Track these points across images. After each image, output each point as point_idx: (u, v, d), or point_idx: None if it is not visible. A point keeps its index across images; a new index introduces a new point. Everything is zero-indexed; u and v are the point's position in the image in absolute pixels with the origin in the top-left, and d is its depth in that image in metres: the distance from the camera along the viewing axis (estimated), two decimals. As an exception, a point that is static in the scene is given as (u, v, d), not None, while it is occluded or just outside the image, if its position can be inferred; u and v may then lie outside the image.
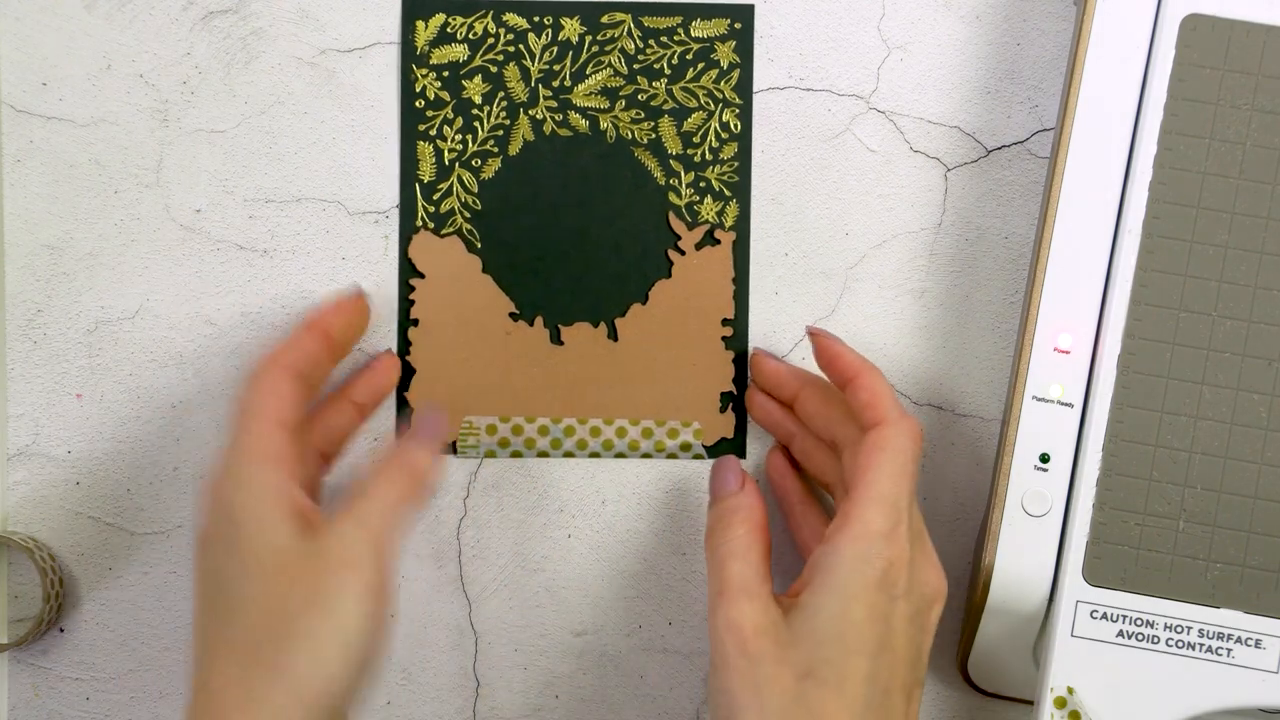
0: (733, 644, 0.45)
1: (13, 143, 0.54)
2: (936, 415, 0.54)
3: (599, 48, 0.53)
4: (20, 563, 0.54)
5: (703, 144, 0.53)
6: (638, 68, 0.53)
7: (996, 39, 0.54)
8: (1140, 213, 0.49)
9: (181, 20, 0.54)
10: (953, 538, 0.55)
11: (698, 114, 0.53)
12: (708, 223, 0.53)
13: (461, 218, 0.53)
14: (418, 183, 0.53)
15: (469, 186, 0.53)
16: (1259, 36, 0.49)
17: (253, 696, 0.42)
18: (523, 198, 0.53)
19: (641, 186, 0.53)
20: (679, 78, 0.53)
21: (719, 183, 0.53)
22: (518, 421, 0.53)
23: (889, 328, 0.55)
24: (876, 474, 0.46)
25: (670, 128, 0.53)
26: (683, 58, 0.53)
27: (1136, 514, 0.48)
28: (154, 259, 0.54)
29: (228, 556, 0.44)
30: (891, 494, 0.45)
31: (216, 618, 0.44)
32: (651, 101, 0.53)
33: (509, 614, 0.55)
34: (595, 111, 0.53)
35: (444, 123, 0.53)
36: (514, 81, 0.53)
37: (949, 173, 0.54)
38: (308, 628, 0.43)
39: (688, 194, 0.53)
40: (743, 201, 0.53)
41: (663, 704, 0.55)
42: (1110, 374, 0.48)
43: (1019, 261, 0.54)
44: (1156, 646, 0.48)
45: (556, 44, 0.53)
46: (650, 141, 0.53)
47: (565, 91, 0.53)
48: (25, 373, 0.54)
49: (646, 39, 0.53)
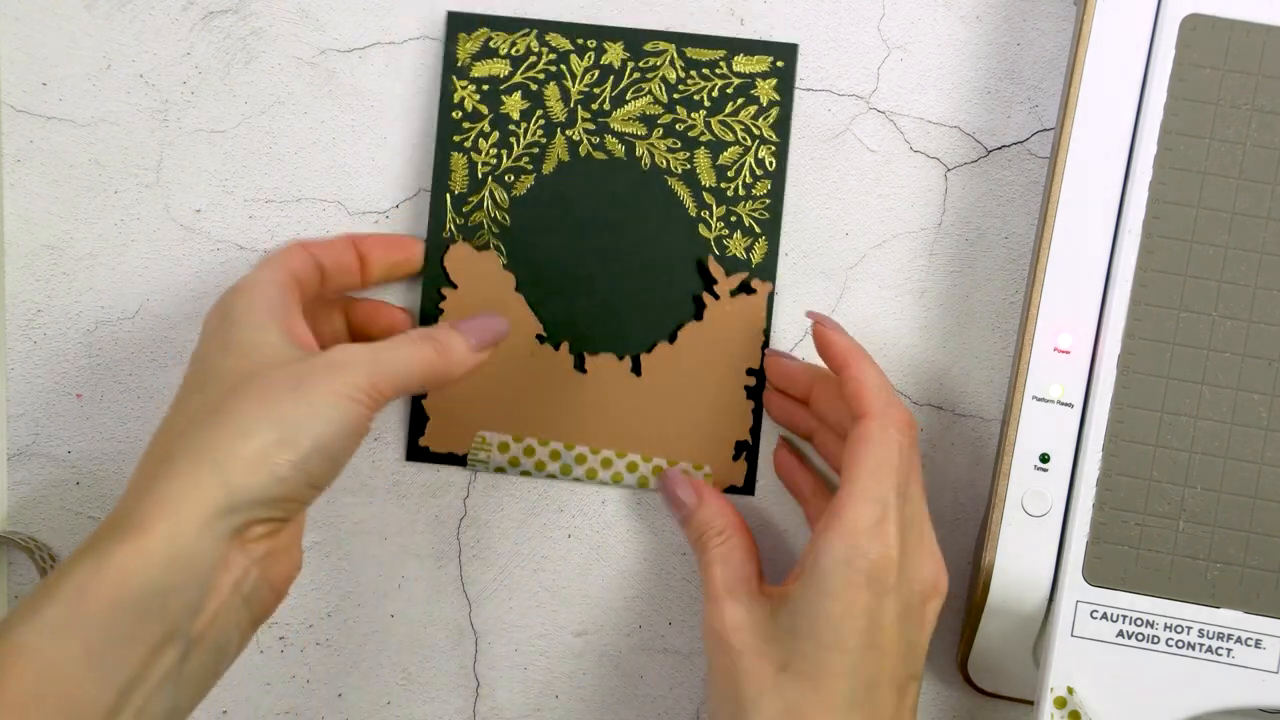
0: (715, 642, 0.46)
1: (13, 143, 0.54)
2: (936, 415, 0.54)
3: (640, 74, 0.52)
4: (20, 563, 0.54)
5: (737, 179, 0.53)
6: (677, 97, 0.53)
7: (996, 39, 0.54)
8: (1140, 213, 0.49)
9: (181, 20, 0.54)
10: (953, 538, 0.55)
11: (734, 148, 0.53)
12: (745, 270, 0.53)
13: (490, 232, 0.53)
14: (449, 193, 0.53)
15: (500, 201, 0.52)
16: (1259, 36, 0.49)
17: (195, 444, 0.41)
18: (553, 217, 0.53)
19: (673, 216, 0.53)
20: (718, 110, 0.53)
21: (750, 219, 0.53)
22: (531, 443, 0.53)
23: (889, 328, 0.55)
24: (858, 470, 0.45)
25: (706, 159, 0.53)
26: (723, 91, 0.53)
27: (1136, 514, 0.48)
28: (154, 259, 0.54)
29: (216, 344, 0.44)
30: (875, 489, 0.45)
31: (188, 389, 0.44)
32: (689, 132, 0.53)
33: (509, 614, 0.55)
34: (632, 137, 0.52)
35: (480, 135, 0.52)
36: (553, 101, 0.52)
37: (949, 173, 0.54)
38: (271, 396, 0.42)
39: (718, 227, 0.53)
40: (772, 240, 0.53)
41: (663, 704, 0.55)
42: (1110, 374, 0.48)
43: (1019, 261, 0.54)
44: (1156, 646, 0.48)
45: (599, 67, 0.53)
46: (685, 172, 0.53)
47: (604, 115, 0.53)
48: (25, 373, 0.54)
49: (688, 69, 0.53)
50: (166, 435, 0.43)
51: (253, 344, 0.44)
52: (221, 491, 0.40)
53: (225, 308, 0.46)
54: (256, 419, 0.41)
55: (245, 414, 0.42)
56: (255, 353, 0.44)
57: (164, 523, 0.40)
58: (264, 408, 0.42)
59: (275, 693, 0.55)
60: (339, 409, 0.42)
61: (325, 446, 0.42)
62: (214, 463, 0.41)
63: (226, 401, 0.42)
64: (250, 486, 0.41)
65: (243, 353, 0.44)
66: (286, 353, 0.44)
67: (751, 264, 0.53)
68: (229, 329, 0.44)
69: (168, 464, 0.41)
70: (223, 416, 0.42)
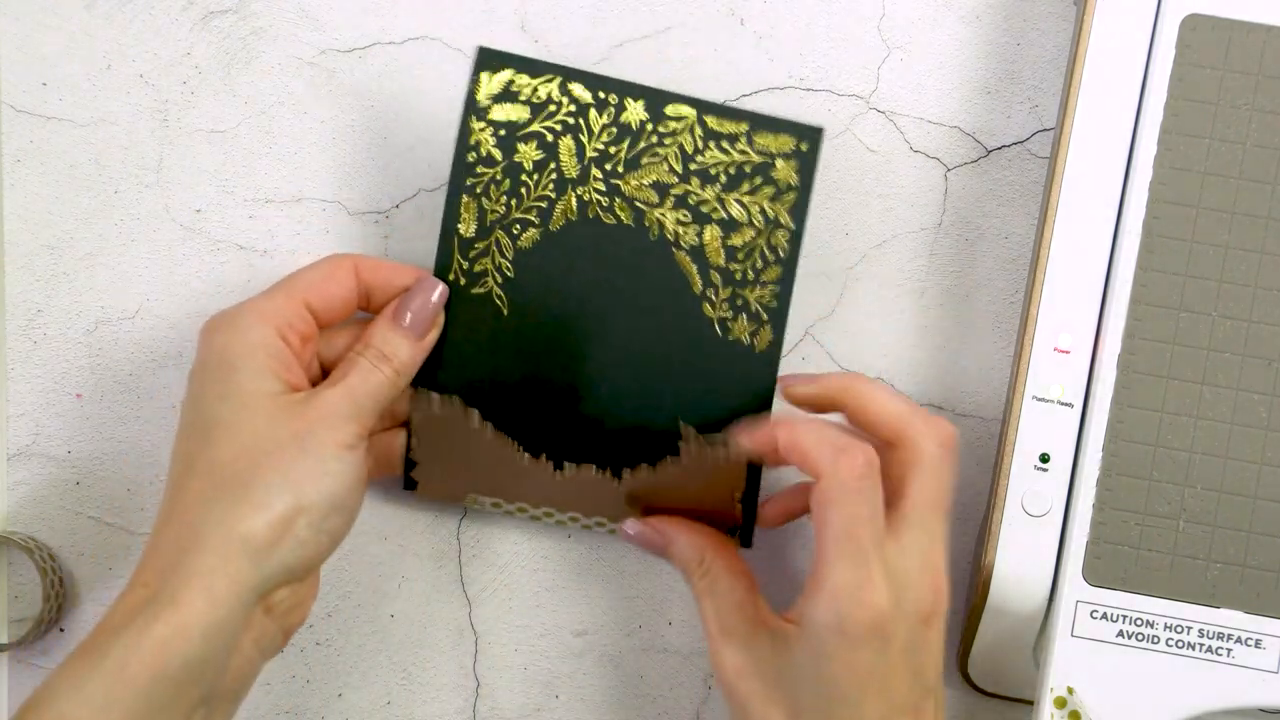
0: (722, 685, 0.47)
1: (13, 143, 0.54)
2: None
3: (658, 139, 0.50)
4: (20, 563, 0.54)
5: (746, 261, 0.51)
6: (694, 168, 0.50)
7: (996, 39, 0.54)
8: (1140, 213, 0.49)
9: (181, 20, 0.54)
10: (953, 538, 0.55)
11: (747, 230, 0.50)
12: (746, 356, 0.51)
13: (494, 280, 0.51)
14: (457, 237, 0.51)
15: (505, 251, 0.51)
16: (1259, 36, 0.49)
17: (221, 518, 0.44)
18: (556, 275, 0.51)
19: (678, 293, 0.51)
20: (733, 188, 0.50)
21: (757, 304, 0.51)
22: (523, 504, 0.53)
23: (889, 327, 0.54)
24: (827, 532, 0.44)
25: (716, 237, 0.51)
26: (740, 168, 0.50)
27: (1136, 514, 0.48)
28: (154, 259, 0.54)
29: (214, 391, 0.46)
30: (848, 548, 0.44)
31: (193, 442, 0.46)
32: (702, 206, 0.51)
33: (509, 614, 0.55)
34: (643, 205, 0.51)
35: (491, 182, 0.51)
36: (567, 156, 0.51)
37: (949, 173, 0.54)
38: (282, 462, 0.45)
39: (722, 309, 0.51)
40: (778, 328, 0.51)
41: (663, 704, 0.55)
42: (1110, 374, 0.48)
43: (1019, 261, 0.54)
44: (1156, 646, 0.48)
45: (617, 125, 0.51)
46: (693, 247, 0.51)
47: (616, 176, 0.51)
48: (25, 373, 0.54)
49: (708, 139, 0.50)
50: (182, 498, 0.45)
51: (251, 394, 0.46)
52: (250, 566, 0.44)
53: (221, 352, 0.46)
54: (271, 486, 0.44)
55: (261, 483, 0.44)
56: (255, 404, 0.46)
57: (199, 600, 0.43)
58: (277, 474, 0.44)
59: (275, 693, 0.55)
60: (343, 461, 0.46)
61: (339, 502, 0.46)
62: (242, 540, 0.44)
63: (241, 473, 0.44)
64: (276, 557, 0.44)
65: (242, 403, 0.45)
66: (285, 403, 0.46)
67: (755, 351, 0.51)
68: (227, 377, 0.46)
69: (195, 540, 0.44)
70: (241, 490, 0.44)
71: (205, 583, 0.43)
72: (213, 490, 0.44)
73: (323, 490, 0.45)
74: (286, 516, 0.44)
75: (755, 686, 0.45)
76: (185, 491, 0.45)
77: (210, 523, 0.44)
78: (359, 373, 0.47)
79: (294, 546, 0.45)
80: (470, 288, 0.51)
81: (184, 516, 0.44)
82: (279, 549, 0.44)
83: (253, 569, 0.44)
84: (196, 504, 0.44)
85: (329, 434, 0.45)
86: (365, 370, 0.47)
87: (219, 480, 0.45)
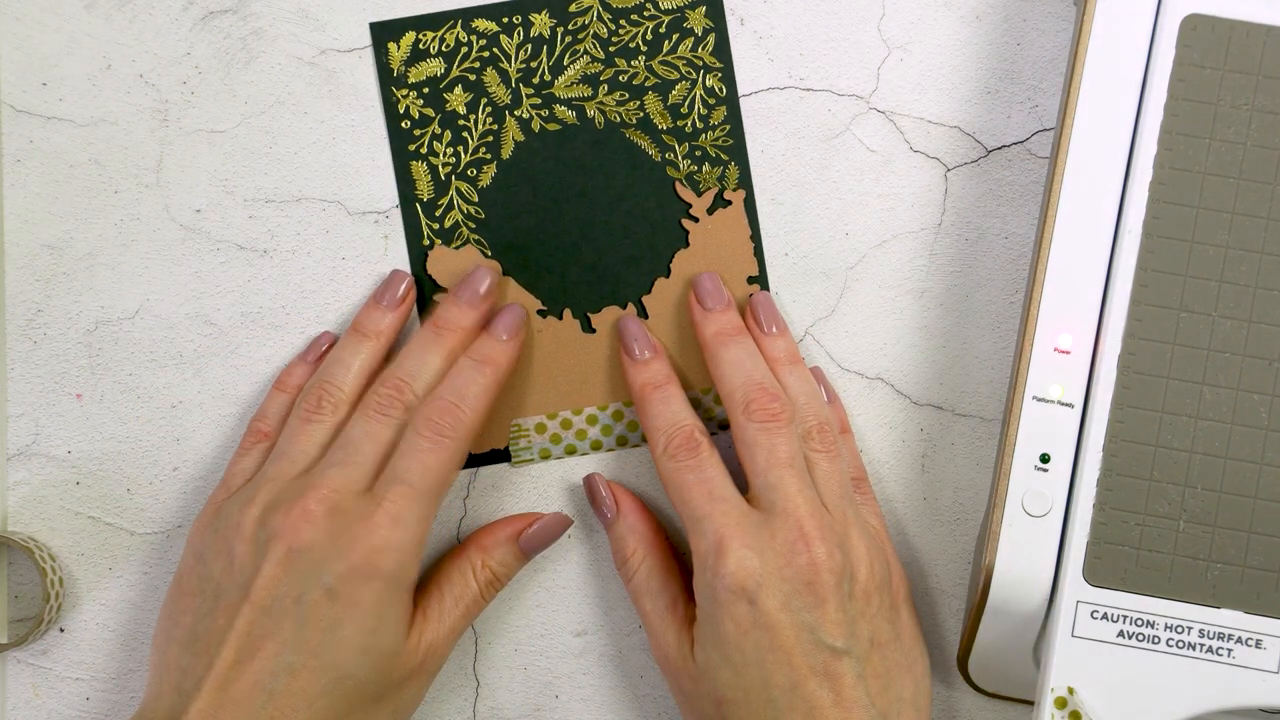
0: (669, 675, 0.51)
1: (13, 143, 0.54)
2: (936, 415, 0.54)
3: (572, 37, 0.53)
4: (20, 563, 0.54)
5: (690, 113, 0.53)
6: (614, 50, 0.53)
7: (996, 39, 0.54)
8: (1140, 213, 0.49)
9: (181, 20, 0.54)
10: (953, 538, 0.55)
11: (681, 85, 0.53)
12: (714, 186, 0.53)
13: (466, 229, 0.53)
14: (417, 203, 0.53)
15: (469, 197, 0.53)
16: (1259, 36, 0.49)
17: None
18: (523, 199, 0.53)
19: (639, 166, 0.53)
20: (656, 52, 0.53)
21: (714, 148, 0.53)
22: (565, 415, 0.53)
23: (889, 328, 0.55)
24: (677, 507, 0.50)
25: (656, 103, 0.53)
26: (656, 32, 0.53)
27: (1137, 514, 0.48)
28: (154, 259, 0.54)
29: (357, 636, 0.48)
30: (689, 518, 0.49)
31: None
32: (633, 81, 0.53)
33: (509, 614, 0.55)
34: (580, 101, 0.53)
35: (433, 139, 0.53)
36: (494, 85, 0.53)
37: (949, 173, 0.54)
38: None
39: (686, 165, 0.53)
40: (740, 162, 0.53)
41: (663, 704, 0.55)
42: (1110, 374, 0.48)
43: (1019, 261, 0.54)
44: (1157, 646, 0.48)
45: (530, 41, 0.53)
46: (639, 120, 0.53)
47: (546, 86, 0.53)
48: (25, 373, 0.54)
49: (617, 20, 0.53)
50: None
51: (382, 651, 0.49)
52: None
53: (369, 569, 0.48)
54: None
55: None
56: (385, 662, 0.49)
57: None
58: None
59: (275, 693, 0.55)
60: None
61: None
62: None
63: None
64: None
65: (373, 663, 0.48)
66: (407, 660, 0.50)
67: (730, 189, 0.53)
68: (360, 618, 0.48)
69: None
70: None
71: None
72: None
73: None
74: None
75: (688, 684, 0.49)
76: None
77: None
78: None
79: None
80: (449, 245, 0.52)
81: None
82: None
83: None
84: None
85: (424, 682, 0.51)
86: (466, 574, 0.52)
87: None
